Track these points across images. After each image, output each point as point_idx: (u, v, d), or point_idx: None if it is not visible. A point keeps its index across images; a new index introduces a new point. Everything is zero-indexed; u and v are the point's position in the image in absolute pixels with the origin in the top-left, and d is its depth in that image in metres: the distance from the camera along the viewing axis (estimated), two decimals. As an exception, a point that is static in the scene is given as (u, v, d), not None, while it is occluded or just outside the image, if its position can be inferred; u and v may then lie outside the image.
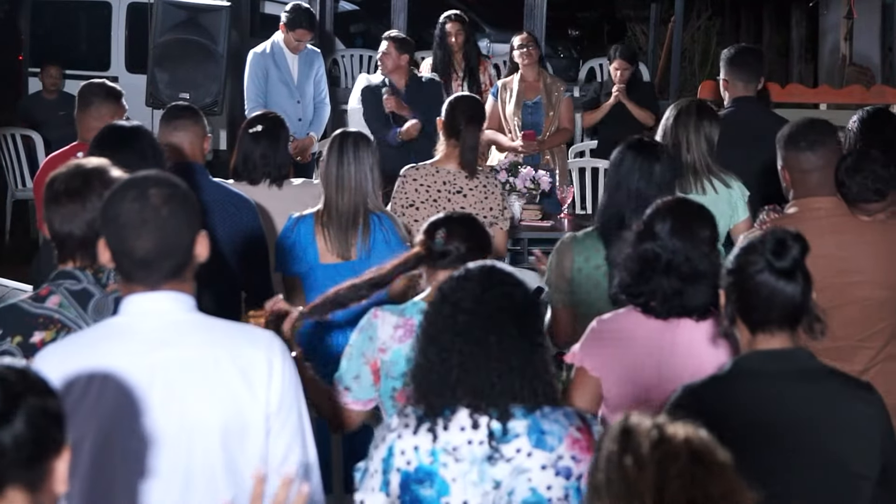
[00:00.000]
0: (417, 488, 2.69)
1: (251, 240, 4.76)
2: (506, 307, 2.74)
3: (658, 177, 4.16)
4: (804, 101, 11.57)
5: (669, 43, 12.09)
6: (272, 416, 2.66)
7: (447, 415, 2.70)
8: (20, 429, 1.96)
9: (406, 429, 2.73)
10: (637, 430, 1.95)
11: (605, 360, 3.49)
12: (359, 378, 3.59)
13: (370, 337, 3.59)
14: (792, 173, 4.14)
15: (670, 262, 3.41)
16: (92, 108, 5.09)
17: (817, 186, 4.10)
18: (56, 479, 2.02)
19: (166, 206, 2.59)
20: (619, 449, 1.94)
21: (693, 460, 1.91)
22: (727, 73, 5.85)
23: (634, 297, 3.49)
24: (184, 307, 2.65)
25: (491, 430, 2.68)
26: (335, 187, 4.77)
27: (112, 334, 2.65)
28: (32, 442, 1.97)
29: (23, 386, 1.99)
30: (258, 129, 5.36)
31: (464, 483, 2.68)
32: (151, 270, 2.61)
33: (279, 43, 7.99)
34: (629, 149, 4.23)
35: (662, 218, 3.46)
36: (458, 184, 5.63)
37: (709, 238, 3.47)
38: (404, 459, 2.71)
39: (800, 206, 4.13)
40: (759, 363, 2.88)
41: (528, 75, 8.06)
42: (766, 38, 16.47)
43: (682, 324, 3.45)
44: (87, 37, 11.65)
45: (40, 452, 1.99)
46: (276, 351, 2.69)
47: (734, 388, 2.89)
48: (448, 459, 2.69)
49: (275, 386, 2.66)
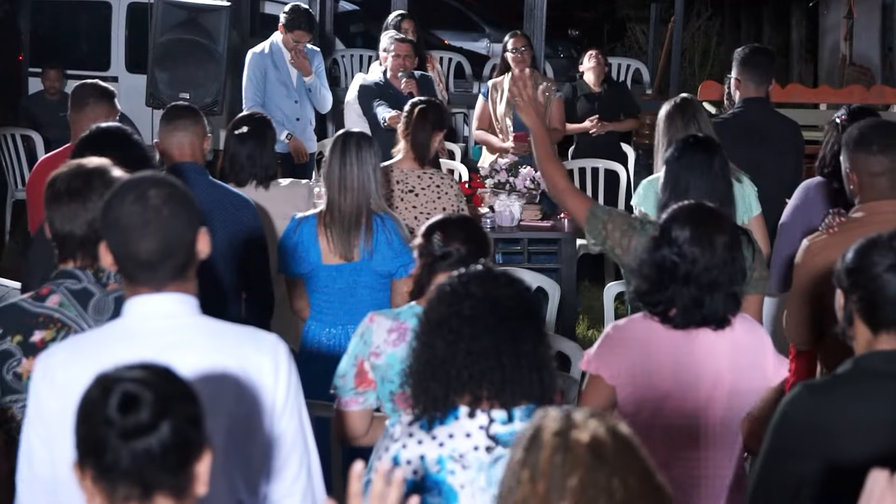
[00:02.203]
0: (425, 497, 2.67)
1: (251, 240, 4.76)
2: (509, 304, 2.74)
3: (717, 169, 4.12)
4: (804, 101, 11.57)
5: (669, 43, 12.09)
6: (276, 418, 2.66)
7: (450, 420, 2.69)
8: (167, 434, 1.96)
9: (410, 437, 2.71)
10: (541, 436, 1.90)
11: (622, 369, 3.44)
12: (345, 377, 3.61)
13: (364, 340, 3.60)
14: (861, 176, 4.05)
15: (689, 273, 3.37)
16: (87, 109, 5.08)
17: (888, 190, 4.03)
18: (199, 482, 2.03)
19: (167, 207, 2.59)
20: (522, 458, 1.90)
21: (596, 467, 1.86)
22: (740, 72, 5.82)
23: (652, 306, 3.44)
24: (188, 310, 2.65)
25: (494, 434, 2.66)
26: (338, 188, 4.77)
27: (117, 337, 2.64)
28: (179, 447, 1.98)
29: (171, 392, 1.99)
30: (244, 131, 5.35)
31: (471, 489, 2.67)
32: (156, 271, 2.60)
33: (278, 43, 7.98)
34: (687, 145, 4.18)
35: (681, 225, 3.41)
36: (411, 183, 5.75)
37: (728, 244, 3.41)
38: (411, 469, 2.68)
39: (868, 210, 4.05)
40: (885, 364, 2.82)
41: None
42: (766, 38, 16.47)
43: (701, 333, 3.41)
44: (87, 37, 11.63)
45: (186, 457, 2.00)
46: (281, 355, 2.69)
47: (861, 387, 2.83)
48: (455, 467, 2.67)
49: (280, 390, 2.67)
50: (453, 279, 2.79)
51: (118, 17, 11.26)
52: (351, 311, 4.78)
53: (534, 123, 4.34)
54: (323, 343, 4.80)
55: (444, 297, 2.76)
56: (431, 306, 2.79)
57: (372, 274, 4.79)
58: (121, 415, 1.96)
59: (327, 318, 4.82)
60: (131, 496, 1.98)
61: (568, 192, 4.29)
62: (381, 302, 4.74)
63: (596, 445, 1.87)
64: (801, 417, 2.83)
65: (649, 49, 13.42)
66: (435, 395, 2.69)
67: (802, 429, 2.83)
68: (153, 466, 1.96)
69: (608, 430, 1.90)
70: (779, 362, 3.54)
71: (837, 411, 2.81)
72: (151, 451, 1.95)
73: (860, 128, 4.11)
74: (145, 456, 1.96)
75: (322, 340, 4.81)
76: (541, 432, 1.91)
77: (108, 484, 1.99)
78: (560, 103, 8.17)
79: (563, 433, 1.89)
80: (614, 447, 1.88)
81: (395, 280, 4.83)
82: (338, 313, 4.81)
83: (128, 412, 1.96)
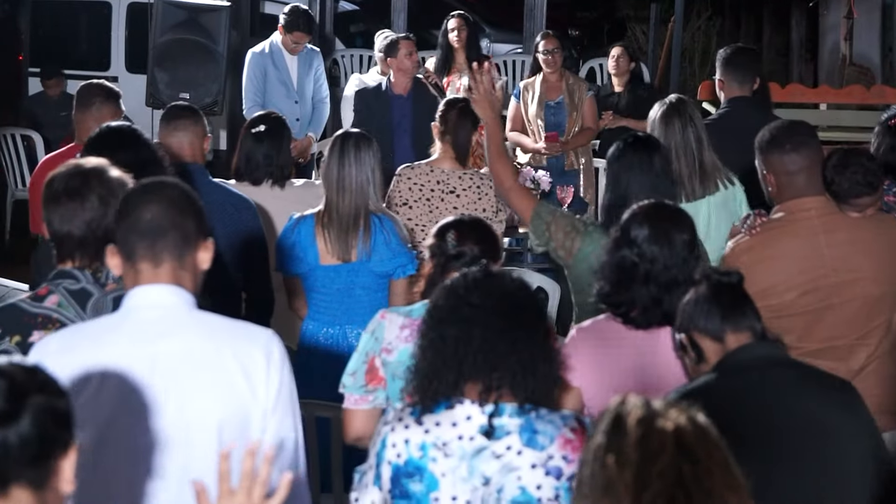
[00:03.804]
0: (407, 482, 2.71)
1: (251, 240, 4.76)
2: (517, 295, 2.77)
3: (658, 167, 4.13)
4: (804, 101, 11.57)
5: (669, 43, 12.09)
6: (268, 412, 2.67)
7: (440, 409, 2.72)
8: (26, 428, 1.96)
9: (399, 422, 2.75)
10: (626, 421, 1.91)
11: (587, 369, 3.45)
12: (355, 374, 3.61)
13: (376, 337, 3.60)
14: (778, 177, 4.11)
15: (649, 272, 3.39)
16: (93, 108, 5.08)
17: (805, 187, 4.08)
18: (62, 479, 2.01)
19: (177, 189, 2.70)
20: (606, 443, 1.90)
21: (680, 456, 1.86)
22: (722, 73, 5.87)
23: (615, 307, 3.47)
24: (184, 303, 2.68)
25: (481, 424, 2.69)
26: (336, 189, 4.75)
27: (111, 327, 2.68)
28: (38, 441, 1.97)
29: (30, 384, 1.99)
30: (261, 129, 5.35)
31: (453, 478, 2.69)
32: (155, 241, 2.65)
33: (278, 43, 7.99)
34: (627, 145, 4.22)
35: (639, 224, 3.43)
36: (452, 183, 5.70)
37: (687, 242, 3.43)
38: (395, 452, 2.73)
39: (788, 208, 4.11)
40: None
41: (551, 76, 8.09)
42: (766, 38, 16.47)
43: (663, 332, 3.41)
44: (87, 37, 11.65)
45: (46, 451, 1.99)
46: (274, 348, 2.70)
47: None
48: (437, 454, 2.70)
49: (272, 383, 2.68)
50: (457, 277, 2.83)
51: (118, 17, 11.28)
52: (349, 311, 4.78)
53: (487, 117, 4.37)
54: (320, 343, 4.80)
55: (451, 292, 2.79)
56: (437, 303, 2.82)
57: (370, 275, 4.78)
58: None
59: (325, 317, 4.82)
60: None
61: (514, 191, 4.33)
62: (379, 302, 4.73)
63: (680, 434, 1.88)
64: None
65: (649, 49, 13.42)
66: (445, 380, 2.72)
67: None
68: (10, 459, 1.95)
69: (689, 419, 1.91)
70: None
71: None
72: (7, 442, 1.95)
73: (770, 129, 4.18)
74: (1, 446, 1.95)
75: (319, 340, 4.81)
76: (624, 418, 1.91)
77: None
78: (592, 102, 8.17)
79: (647, 421, 1.89)
80: (696, 436, 1.89)
81: (393, 281, 4.83)
82: (335, 313, 4.81)
83: None
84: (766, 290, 3.95)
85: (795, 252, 4.05)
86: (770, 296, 3.96)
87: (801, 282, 4.03)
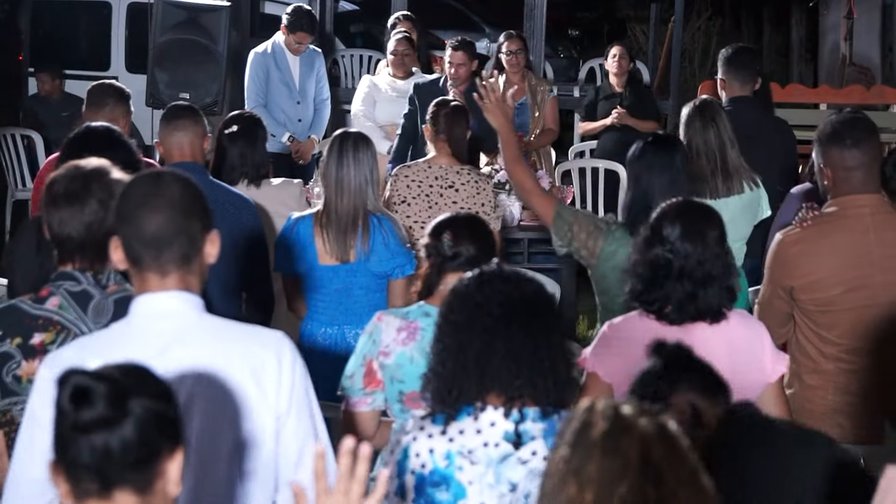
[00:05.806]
0: (433, 492, 2.69)
1: (251, 240, 4.76)
2: (534, 300, 2.76)
3: (678, 166, 4.14)
4: (804, 101, 11.58)
5: (669, 43, 12.09)
6: (282, 416, 2.64)
7: (462, 417, 2.70)
8: (128, 432, 1.94)
9: (421, 431, 2.73)
10: (591, 434, 1.82)
11: (618, 366, 3.44)
12: (353, 377, 3.61)
13: (373, 340, 3.59)
14: (835, 171, 4.06)
15: (682, 268, 3.39)
16: (106, 109, 5.08)
17: (862, 184, 4.05)
18: (168, 481, 2.00)
19: (179, 194, 2.63)
20: (568, 458, 1.83)
21: (645, 477, 1.79)
22: (724, 72, 5.90)
23: (648, 305, 3.46)
24: (193, 308, 2.65)
25: (506, 431, 2.68)
26: (335, 189, 4.75)
27: (123, 336, 2.64)
28: (141, 445, 1.95)
29: (132, 387, 1.97)
30: (234, 130, 5.34)
31: (480, 486, 2.68)
32: (161, 252, 2.60)
33: (280, 43, 7.99)
34: (647, 144, 4.22)
35: (671, 222, 3.43)
36: (450, 179, 5.74)
37: (718, 238, 3.44)
38: (419, 462, 2.70)
39: (841, 204, 4.07)
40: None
41: (514, 77, 8.02)
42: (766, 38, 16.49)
43: (696, 327, 3.42)
44: (87, 37, 11.63)
45: (150, 455, 1.97)
46: (285, 351, 2.67)
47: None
48: (464, 462, 2.68)
49: (284, 386, 2.64)
50: (470, 280, 2.80)
51: (118, 17, 11.26)
52: (347, 311, 4.78)
53: (501, 126, 4.37)
54: (319, 343, 4.80)
55: (466, 299, 2.76)
56: (452, 308, 2.79)
57: (368, 275, 4.78)
58: (72, 406, 1.94)
59: (323, 318, 4.82)
60: (90, 491, 1.96)
61: (535, 194, 4.34)
62: (378, 303, 4.73)
63: (647, 449, 1.82)
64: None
65: (649, 49, 13.42)
66: (467, 391, 2.70)
67: None
68: (112, 462, 1.93)
69: (658, 429, 1.85)
70: (776, 357, 3.54)
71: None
72: (109, 445, 1.93)
73: (832, 122, 4.14)
74: (103, 450, 1.93)
75: (318, 340, 4.81)
76: (589, 430, 1.84)
77: (73, 478, 1.97)
78: (554, 103, 8.17)
79: (612, 434, 1.82)
80: (664, 450, 1.84)
81: (392, 281, 4.83)
82: (334, 313, 4.81)
83: (79, 404, 1.94)
84: (813, 284, 3.98)
85: (844, 248, 4.03)
86: (816, 289, 3.98)
87: (847, 278, 4.02)
